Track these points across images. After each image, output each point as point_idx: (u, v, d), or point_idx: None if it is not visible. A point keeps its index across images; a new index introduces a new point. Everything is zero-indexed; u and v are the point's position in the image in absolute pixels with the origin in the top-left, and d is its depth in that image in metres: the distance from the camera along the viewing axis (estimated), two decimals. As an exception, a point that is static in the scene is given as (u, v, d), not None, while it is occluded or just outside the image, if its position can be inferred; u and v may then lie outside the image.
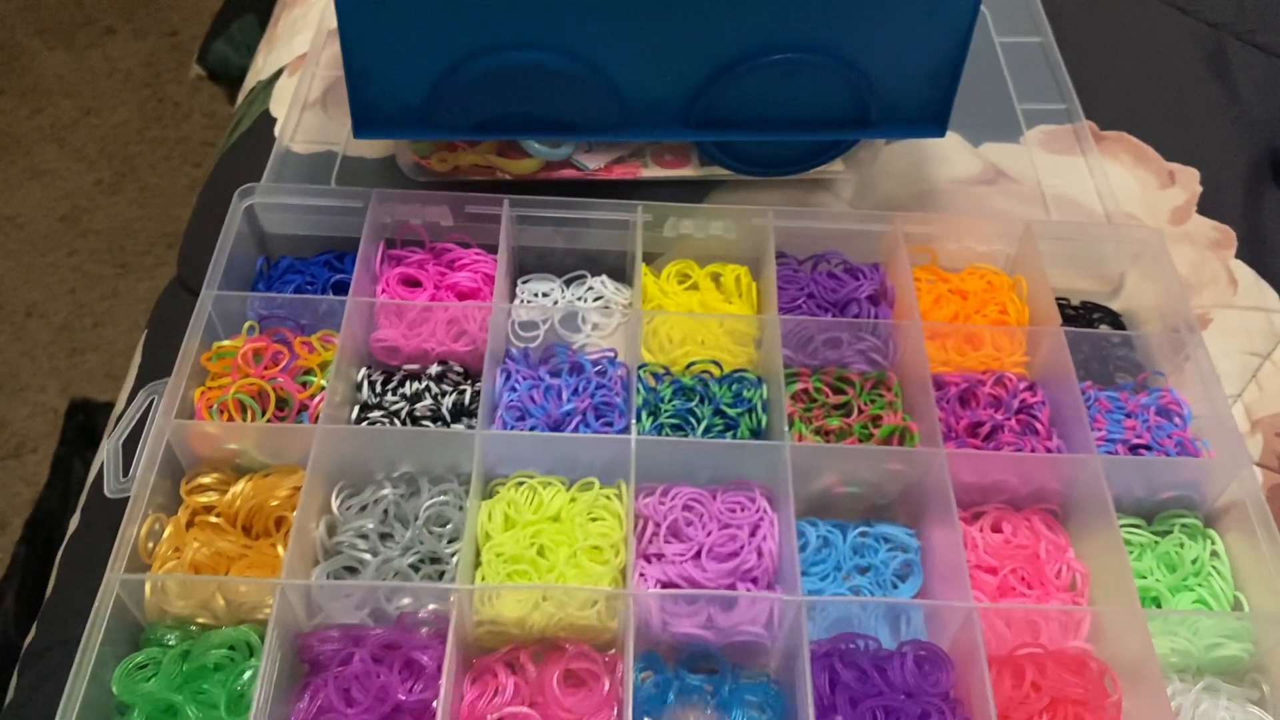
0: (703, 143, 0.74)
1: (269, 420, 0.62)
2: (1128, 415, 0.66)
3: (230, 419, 0.61)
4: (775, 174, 0.76)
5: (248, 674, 0.53)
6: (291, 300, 0.67)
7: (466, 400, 0.65)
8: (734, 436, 0.63)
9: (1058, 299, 0.70)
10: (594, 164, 0.75)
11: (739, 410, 0.64)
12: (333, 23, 0.84)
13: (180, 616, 0.56)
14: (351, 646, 0.54)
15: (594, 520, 0.60)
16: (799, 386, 0.66)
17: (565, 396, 0.64)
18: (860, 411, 0.65)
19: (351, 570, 0.58)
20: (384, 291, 0.69)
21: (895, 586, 0.60)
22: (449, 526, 0.60)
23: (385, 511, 0.60)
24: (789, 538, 0.57)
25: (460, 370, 0.67)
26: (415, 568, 0.58)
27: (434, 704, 0.52)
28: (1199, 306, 0.74)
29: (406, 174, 0.75)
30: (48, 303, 1.66)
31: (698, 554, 0.59)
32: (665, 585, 0.58)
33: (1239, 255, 0.77)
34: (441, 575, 0.58)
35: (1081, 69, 0.86)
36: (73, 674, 0.50)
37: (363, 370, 0.66)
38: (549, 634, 0.56)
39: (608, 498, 0.61)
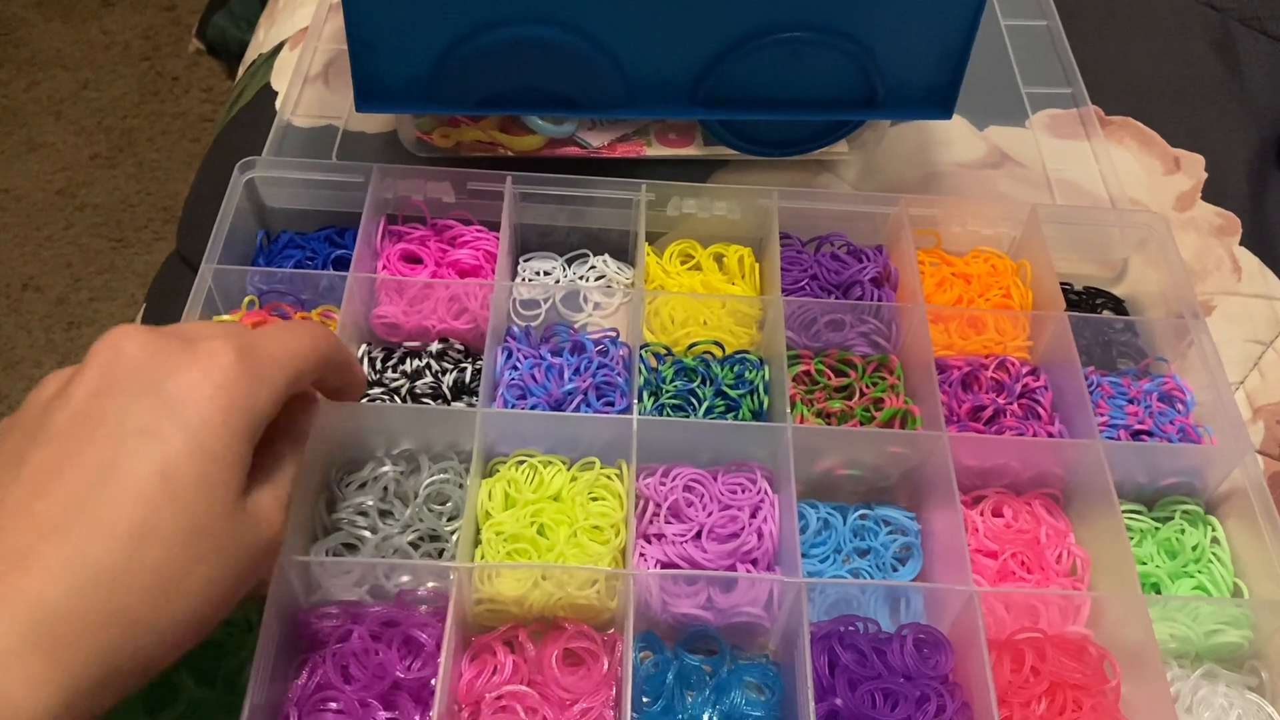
0: (708, 121, 0.73)
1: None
2: (1130, 401, 0.66)
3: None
4: (780, 154, 0.75)
5: (245, 650, 0.53)
6: (292, 275, 0.66)
7: (467, 378, 0.64)
8: (735, 418, 0.63)
9: (1061, 284, 0.70)
10: (598, 142, 0.74)
11: (741, 391, 0.64)
12: (335, -4, 0.84)
13: (178, 591, 0.56)
14: (350, 624, 0.54)
15: (594, 500, 0.59)
16: (801, 368, 0.66)
17: (566, 376, 0.64)
18: (862, 394, 0.65)
19: (350, 547, 0.58)
20: (385, 268, 0.68)
21: (895, 569, 0.60)
22: (449, 504, 0.60)
23: (385, 489, 0.60)
24: (789, 519, 0.57)
25: (461, 348, 0.66)
26: (415, 545, 0.58)
27: (432, 682, 0.52)
28: (1202, 293, 0.74)
29: (408, 149, 0.75)
30: (44, 276, 1.66)
31: (698, 535, 0.59)
32: (665, 566, 0.58)
33: (1243, 242, 0.77)
34: (441, 553, 0.58)
35: (1088, 53, 0.86)
36: (70, 648, 0.49)
37: (363, 347, 0.66)
38: (548, 613, 0.56)
39: (608, 477, 0.60)
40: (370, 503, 0.59)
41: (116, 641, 0.38)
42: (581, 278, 0.71)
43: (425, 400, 0.63)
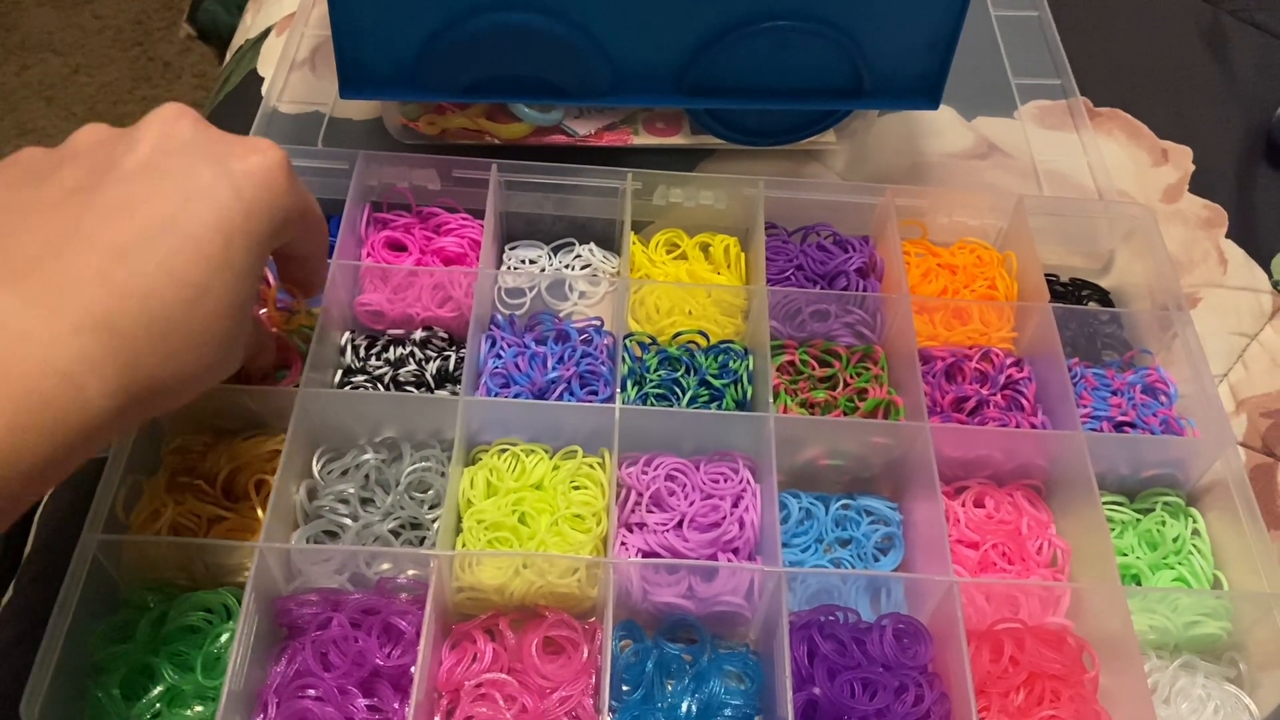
0: (694, 110, 0.73)
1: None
2: (1114, 393, 0.66)
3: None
4: (767, 143, 0.75)
5: (224, 636, 0.53)
6: (276, 261, 0.66)
7: (451, 366, 0.64)
8: (719, 407, 0.63)
9: (1047, 275, 0.69)
10: (584, 130, 0.74)
11: (724, 381, 0.64)
12: (321, -19, 0.83)
13: (158, 579, 0.56)
14: (330, 611, 0.54)
15: (576, 488, 0.59)
16: (785, 358, 0.66)
17: (550, 364, 0.64)
18: (846, 384, 0.65)
19: (331, 535, 0.58)
20: (369, 255, 0.68)
21: (876, 559, 0.60)
22: (430, 492, 0.59)
23: (366, 476, 0.60)
24: (771, 509, 0.57)
25: (445, 336, 0.66)
26: (396, 533, 0.58)
27: (412, 669, 0.52)
28: (1188, 285, 0.74)
29: (394, 136, 0.74)
30: (34, 262, 1.65)
31: (679, 524, 0.59)
32: (646, 554, 0.58)
33: (1229, 235, 0.77)
34: (422, 541, 0.58)
35: (1077, 44, 0.86)
36: (47, 636, 0.49)
37: (346, 334, 0.66)
38: (529, 601, 0.56)
39: (591, 466, 0.60)
40: (351, 490, 0.59)
41: (164, 377, 0.42)
42: (567, 266, 0.71)
43: (408, 388, 0.63)
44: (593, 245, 0.71)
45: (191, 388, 0.45)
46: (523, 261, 0.71)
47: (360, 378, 0.63)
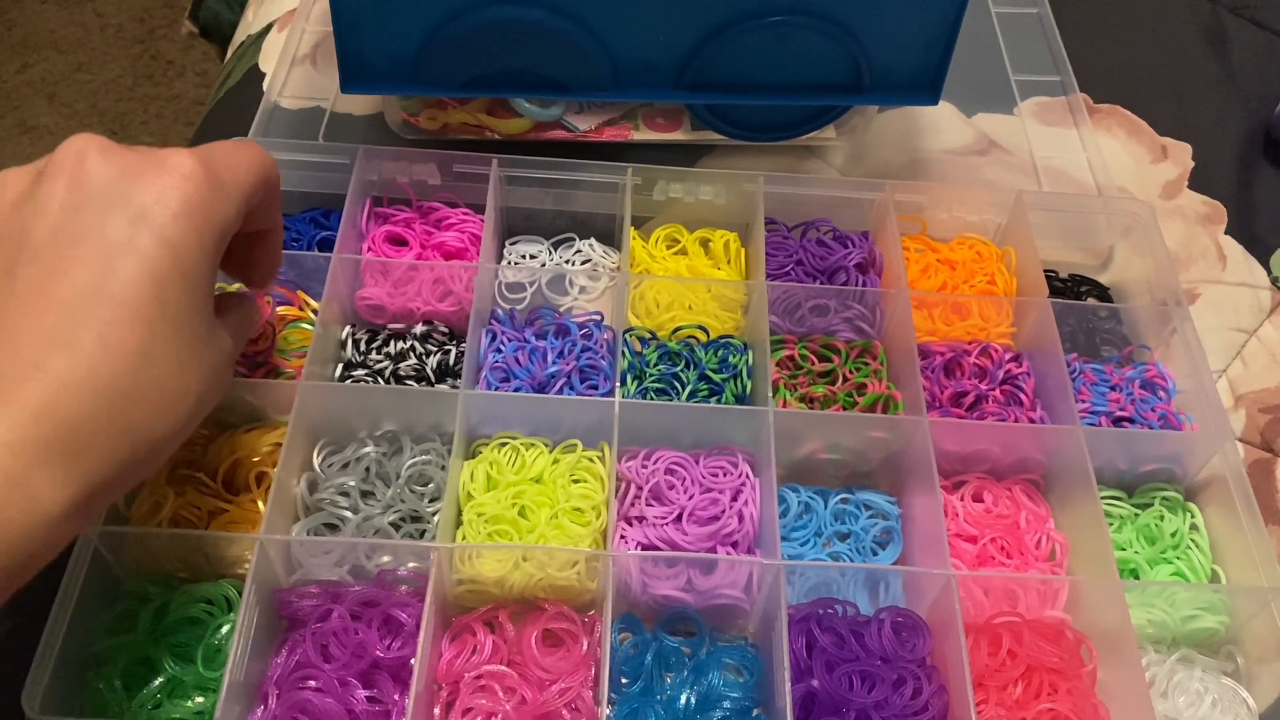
0: (694, 106, 0.73)
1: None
2: (1112, 388, 0.66)
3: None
4: (767, 139, 0.75)
5: (225, 628, 0.53)
6: (276, 256, 0.66)
7: (451, 360, 0.64)
8: (719, 402, 0.63)
9: (1046, 271, 0.70)
10: (585, 125, 0.74)
11: (724, 376, 0.64)
12: (323, -23, 0.83)
13: (159, 570, 0.56)
14: (330, 603, 0.54)
15: (576, 482, 0.60)
16: (785, 353, 0.66)
17: (550, 359, 0.64)
18: (845, 379, 0.65)
19: (332, 527, 0.58)
20: (369, 249, 0.68)
21: (875, 553, 0.61)
22: (431, 485, 0.60)
23: (367, 469, 0.60)
24: (770, 503, 0.57)
25: (445, 330, 0.66)
26: (396, 526, 0.58)
27: (412, 661, 0.52)
28: (1187, 281, 0.74)
29: (395, 131, 0.75)
30: (36, 259, 1.65)
31: (679, 517, 0.59)
32: (646, 548, 0.58)
33: (1229, 231, 0.77)
34: (422, 534, 0.58)
35: (1077, 41, 0.86)
36: (49, 627, 0.50)
37: (347, 328, 0.66)
38: (528, 594, 0.57)
39: (590, 460, 0.61)
40: (352, 483, 0.59)
41: (125, 452, 0.41)
42: (567, 261, 0.71)
43: (409, 382, 0.63)
44: (593, 240, 0.71)
45: (161, 451, 0.43)
46: (523, 256, 0.71)
47: (361, 371, 0.64)
